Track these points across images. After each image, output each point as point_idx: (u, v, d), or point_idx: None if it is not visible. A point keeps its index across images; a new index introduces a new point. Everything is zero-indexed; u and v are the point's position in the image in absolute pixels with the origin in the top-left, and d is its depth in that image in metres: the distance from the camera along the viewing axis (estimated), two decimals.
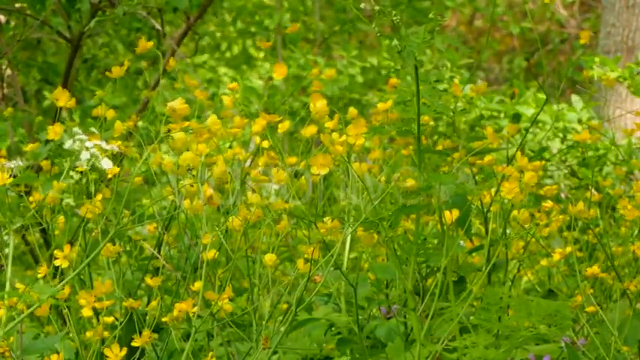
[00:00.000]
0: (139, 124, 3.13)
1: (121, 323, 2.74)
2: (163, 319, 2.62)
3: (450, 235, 2.59)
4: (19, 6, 4.18)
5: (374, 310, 3.08)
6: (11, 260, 2.41)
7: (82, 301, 2.51)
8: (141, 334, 2.58)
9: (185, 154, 2.49)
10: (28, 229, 3.15)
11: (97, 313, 2.69)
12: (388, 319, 2.93)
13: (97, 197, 2.57)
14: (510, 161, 3.16)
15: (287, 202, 2.60)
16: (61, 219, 2.95)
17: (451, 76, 5.82)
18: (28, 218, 2.49)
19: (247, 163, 2.91)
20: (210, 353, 2.57)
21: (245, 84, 8.47)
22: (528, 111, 5.77)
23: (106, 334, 2.63)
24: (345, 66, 9.63)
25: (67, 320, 2.72)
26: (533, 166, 2.68)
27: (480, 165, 3.08)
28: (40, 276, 2.62)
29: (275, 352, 2.84)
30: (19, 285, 2.45)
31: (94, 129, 2.68)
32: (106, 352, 2.45)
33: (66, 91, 2.70)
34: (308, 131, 2.55)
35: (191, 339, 2.55)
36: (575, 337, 2.86)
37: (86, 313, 2.53)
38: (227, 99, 2.79)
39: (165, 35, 3.98)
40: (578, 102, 5.83)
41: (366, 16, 2.40)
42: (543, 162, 4.08)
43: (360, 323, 2.83)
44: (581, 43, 3.10)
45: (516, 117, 5.72)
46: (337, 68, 9.42)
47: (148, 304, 2.97)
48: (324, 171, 2.42)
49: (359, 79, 9.64)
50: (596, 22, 12.61)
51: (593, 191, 3.62)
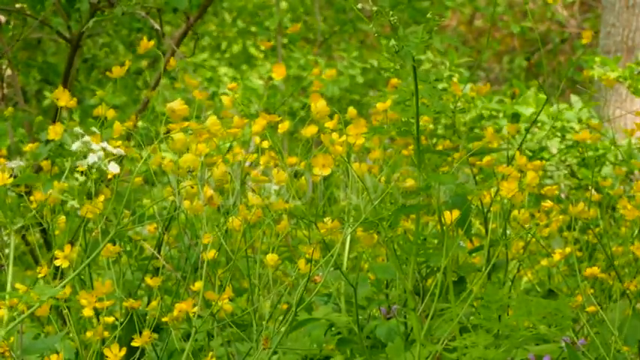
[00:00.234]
0: (139, 124, 3.13)
1: (121, 323, 2.74)
2: (163, 319, 2.62)
3: (450, 235, 2.59)
4: (19, 6, 4.18)
5: (374, 310, 3.08)
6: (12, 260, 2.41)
7: (83, 301, 2.52)
8: (141, 334, 2.57)
9: (185, 155, 2.49)
10: (28, 229, 3.16)
11: (97, 313, 2.69)
12: (388, 319, 2.92)
13: (100, 198, 2.57)
14: (510, 161, 3.16)
15: (287, 202, 2.60)
16: (62, 219, 2.95)
17: (450, 75, 5.81)
18: (28, 218, 2.50)
19: (247, 164, 2.91)
20: (211, 353, 2.56)
21: (245, 84, 8.47)
22: (527, 111, 5.77)
23: (106, 334, 2.63)
24: (345, 67, 9.63)
25: (67, 320, 2.72)
26: (534, 166, 2.68)
27: (480, 165, 3.09)
28: (40, 276, 2.62)
29: (275, 353, 2.84)
30: (19, 285, 2.45)
31: (94, 129, 2.69)
32: (106, 352, 2.45)
33: (67, 90, 2.70)
34: (308, 131, 2.55)
35: (191, 339, 2.55)
36: (575, 337, 2.86)
37: (87, 313, 2.53)
38: (226, 99, 2.79)
39: (165, 35, 3.98)
40: (577, 102, 5.83)
41: (367, 15, 2.40)
42: (543, 162, 4.08)
43: (360, 323, 2.83)
44: (583, 42, 3.10)
45: (515, 117, 5.72)
46: (337, 69, 9.42)
47: (148, 304, 2.97)
48: (326, 172, 2.42)
49: (359, 79, 9.64)
50: (596, 22, 12.61)
51: (593, 191, 3.62)
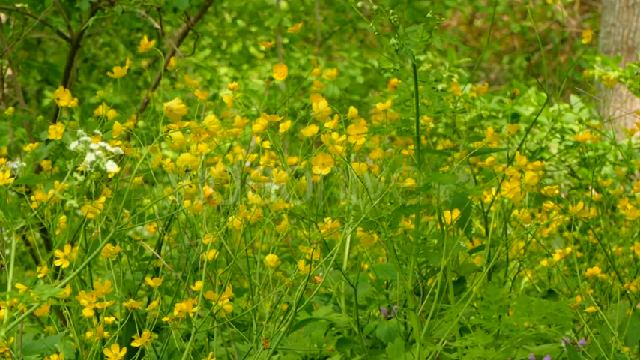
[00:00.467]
0: (140, 123, 3.13)
1: (121, 323, 2.74)
2: (163, 319, 2.62)
3: (450, 235, 2.59)
4: (20, 5, 4.18)
5: (374, 310, 3.08)
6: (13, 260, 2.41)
7: (83, 301, 2.52)
8: (141, 334, 2.57)
9: (183, 155, 2.49)
10: (28, 229, 3.16)
11: (97, 313, 2.69)
12: (388, 319, 2.93)
13: (101, 199, 2.57)
14: (510, 162, 3.16)
15: (287, 202, 2.60)
16: (62, 219, 2.95)
17: (449, 75, 5.81)
18: (29, 219, 2.49)
19: (247, 164, 2.91)
20: (211, 353, 2.56)
21: (246, 85, 8.46)
22: (527, 111, 5.77)
23: (106, 334, 2.63)
24: (346, 67, 9.63)
25: (67, 320, 2.72)
26: (534, 166, 2.68)
27: (480, 165, 3.09)
28: (40, 276, 2.62)
29: (275, 352, 2.84)
30: (19, 285, 2.45)
31: (97, 131, 2.69)
32: (106, 352, 2.45)
33: (67, 90, 2.70)
34: (309, 131, 2.55)
35: (191, 339, 2.55)
36: (575, 337, 2.86)
37: (87, 313, 2.53)
38: (227, 98, 2.79)
39: (165, 34, 3.98)
40: (577, 102, 5.83)
41: (367, 15, 2.40)
42: (543, 162, 4.08)
43: (360, 323, 2.83)
44: (583, 42, 3.10)
45: (515, 117, 5.72)
46: (338, 69, 9.41)
47: (149, 304, 2.97)
48: (326, 171, 2.42)
49: (360, 79, 9.63)
50: (596, 21, 12.62)
51: (593, 191, 3.62)
